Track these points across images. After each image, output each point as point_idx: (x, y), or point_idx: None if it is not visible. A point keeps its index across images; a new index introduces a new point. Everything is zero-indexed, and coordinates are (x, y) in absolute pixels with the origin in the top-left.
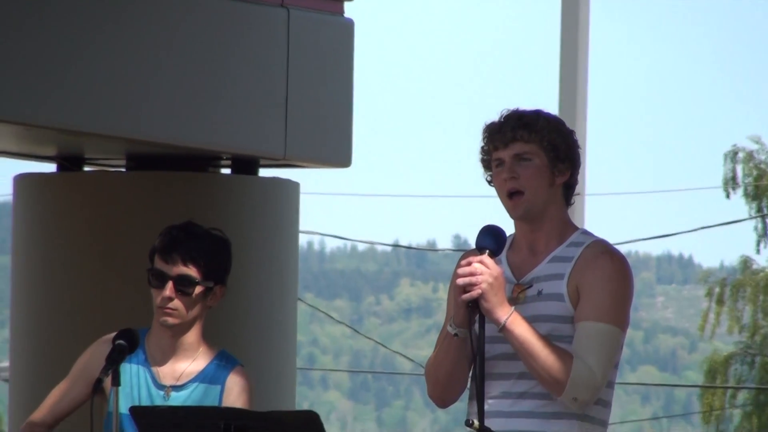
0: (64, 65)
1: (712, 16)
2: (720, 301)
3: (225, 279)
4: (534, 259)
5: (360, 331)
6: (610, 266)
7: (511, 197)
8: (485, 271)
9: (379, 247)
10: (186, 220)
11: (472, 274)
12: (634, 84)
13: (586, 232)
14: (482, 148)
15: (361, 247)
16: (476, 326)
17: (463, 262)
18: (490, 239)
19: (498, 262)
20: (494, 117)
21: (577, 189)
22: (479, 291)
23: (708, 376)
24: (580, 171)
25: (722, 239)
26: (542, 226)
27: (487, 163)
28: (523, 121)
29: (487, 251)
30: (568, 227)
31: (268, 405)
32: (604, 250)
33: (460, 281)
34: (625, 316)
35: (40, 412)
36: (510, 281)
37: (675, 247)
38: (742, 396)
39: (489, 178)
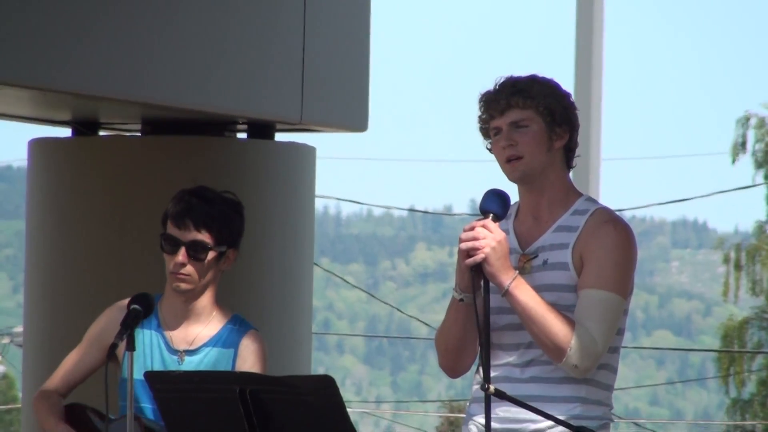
0: (80, 29)
1: None
2: (737, 267)
3: (238, 243)
4: (539, 228)
5: (376, 296)
6: (614, 234)
7: (509, 162)
8: (488, 235)
9: (396, 212)
10: (198, 185)
11: (474, 239)
12: (650, 49)
13: (590, 199)
14: (480, 117)
15: (377, 211)
16: (482, 293)
17: (467, 227)
18: (494, 203)
19: (506, 232)
20: (489, 86)
21: (594, 154)
22: (482, 255)
23: (724, 342)
24: (596, 136)
25: (737, 204)
26: (544, 191)
27: (486, 131)
28: (517, 87)
29: (491, 215)
30: (570, 192)
31: (283, 370)
32: (608, 219)
33: (463, 246)
34: (627, 284)
35: (55, 380)
36: (516, 251)
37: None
38: (758, 361)
39: (489, 147)
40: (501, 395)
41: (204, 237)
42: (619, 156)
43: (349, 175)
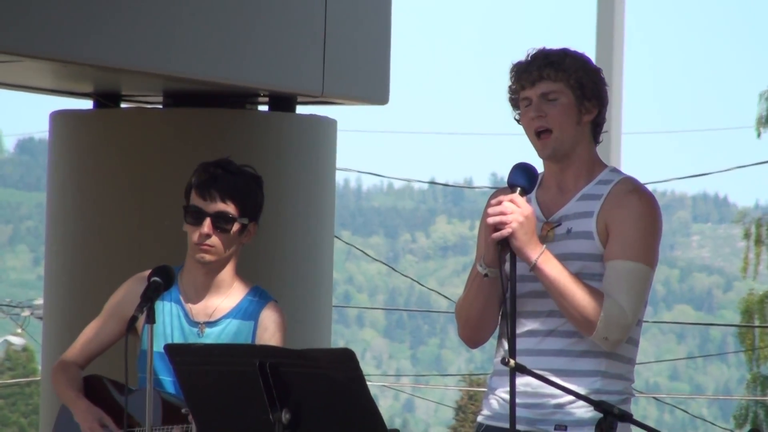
0: (100, 1)
1: None
2: (758, 242)
3: (258, 216)
4: (563, 198)
5: (396, 269)
6: (639, 204)
7: (539, 136)
8: (516, 209)
9: (416, 185)
10: (220, 158)
11: (502, 213)
12: (671, 20)
13: (615, 170)
14: (510, 87)
15: (397, 184)
16: (507, 266)
17: (494, 201)
18: (522, 177)
19: (528, 201)
20: (522, 57)
21: (615, 128)
22: (510, 230)
23: (745, 316)
24: (617, 110)
25: (758, 178)
26: (570, 164)
27: (515, 102)
28: (549, 59)
29: (519, 189)
30: (596, 165)
31: (303, 343)
32: (633, 188)
33: (491, 220)
34: (654, 253)
35: (73, 350)
36: (539, 219)
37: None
38: None
39: (517, 117)
40: (522, 369)
41: (229, 208)
42: (639, 130)
43: (370, 147)
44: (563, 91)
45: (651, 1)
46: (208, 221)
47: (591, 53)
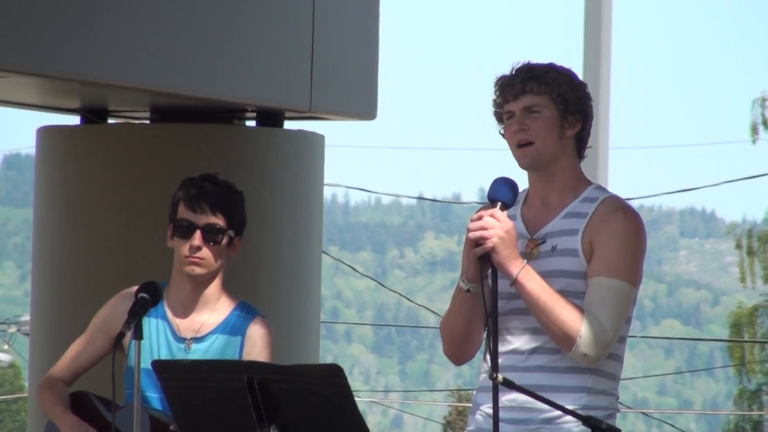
0: (88, 16)
1: None
2: (750, 253)
3: (243, 231)
4: (548, 214)
5: (384, 285)
6: (624, 222)
7: (520, 147)
8: (496, 224)
9: (404, 200)
10: (204, 172)
11: (483, 228)
12: (659, 36)
13: (599, 187)
14: (494, 101)
15: (385, 199)
16: (489, 281)
17: (474, 216)
18: (503, 191)
19: (512, 218)
20: (506, 70)
21: (602, 143)
22: (491, 244)
23: (734, 330)
24: (605, 125)
25: (745, 193)
26: (554, 179)
27: (500, 115)
28: (533, 73)
29: (500, 204)
30: (581, 181)
31: (291, 359)
32: (618, 207)
33: (472, 235)
34: (637, 272)
35: (60, 367)
36: (524, 236)
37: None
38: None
39: (501, 131)
40: (509, 385)
41: (219, 220)
42: (627, 145)
43: (358, 163)
44: (546, 105)
45: (638, 16)
46: (198, 233)
47: (578, 68)
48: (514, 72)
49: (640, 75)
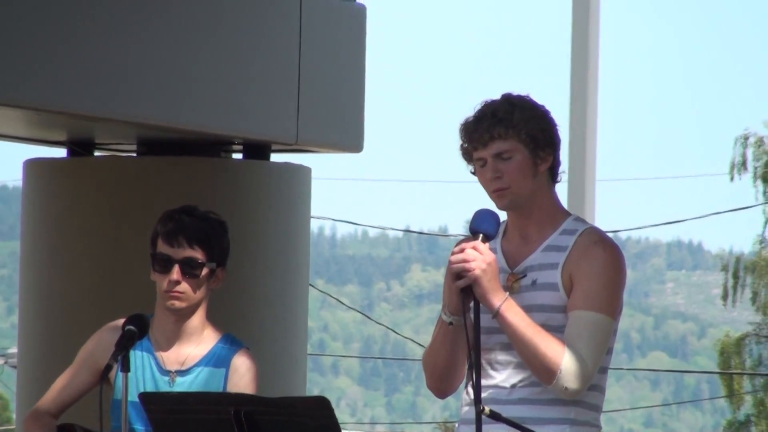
0: (74, 50)
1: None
2: (736, 275)
3: (225, 261)
4: (527, 248)
5: (371, 317)
6: (603, 255)
7: (495, 192)
8: (478, 257)
9: (391, 233)
10: (184, 204)
11: (465, 261)
12: (645, 69)
13: (578, 219)
14: (462, 146)
15: (372, 232)
16: (471, 315)
17: (456, 248)
18: (485, 223)
19: (493, 251)
20: (469, 114)
21: (589, 176)
22: (472, 277)
23: (722, 359)
24: (591, 157)
25: (732, 225)
26: (531, 213)
27: (468, 157)
28: (497, 117)
29: (481, 235)
30: (558, 213)
31: (278, 391)
32: (598, 239)
33: (454, 267)
34: (616, 304)
35: (47, 399)
36: (504, 270)
37: (685, 233)
38: (757, 380)
39: (472, 171)
40: (496, 417)
41: (197, 254)
42: (613, 177)
43: (345, 195)
44: (516, 148)
45: (625, 50)
46: (176, 268)
47: (565, 101)
48: (477, 117)
49: (626, 108)
